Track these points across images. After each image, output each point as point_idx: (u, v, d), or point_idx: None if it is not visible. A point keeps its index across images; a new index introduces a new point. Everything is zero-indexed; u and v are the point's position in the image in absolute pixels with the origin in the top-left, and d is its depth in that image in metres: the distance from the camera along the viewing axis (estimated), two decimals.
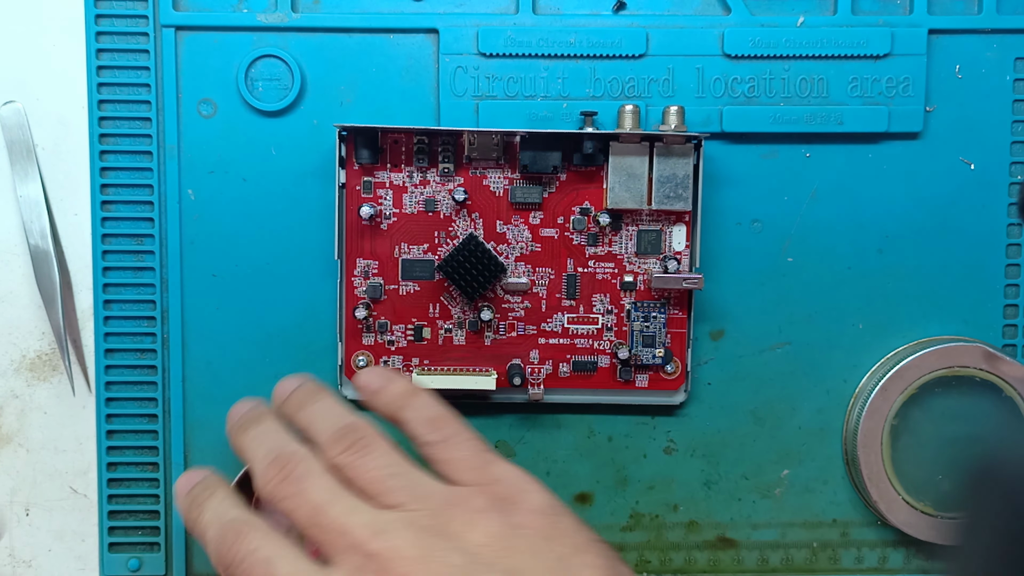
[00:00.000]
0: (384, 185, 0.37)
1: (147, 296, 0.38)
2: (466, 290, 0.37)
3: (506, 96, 0.37)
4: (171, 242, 0.38)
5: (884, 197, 0.38)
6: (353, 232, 0.37)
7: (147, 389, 0.38)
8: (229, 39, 0.37)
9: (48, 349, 0.39)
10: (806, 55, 0.37)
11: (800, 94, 0.38)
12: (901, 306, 0.39)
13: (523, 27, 0.37)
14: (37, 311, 0.38)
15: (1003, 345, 0.39)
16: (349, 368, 0.38)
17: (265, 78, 0.37)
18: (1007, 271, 0.39)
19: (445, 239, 0.37)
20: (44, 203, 0.38)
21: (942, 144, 0.38)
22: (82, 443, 0.39)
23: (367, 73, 0.37)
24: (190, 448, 0.39)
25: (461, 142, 0.37)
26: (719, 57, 0.37)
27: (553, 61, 0.37)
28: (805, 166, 0.38)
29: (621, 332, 0.38)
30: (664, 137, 0.36)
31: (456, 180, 0.37)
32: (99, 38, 0.37)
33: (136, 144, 0.37)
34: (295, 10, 0.37)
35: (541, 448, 0.39)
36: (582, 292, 0.38)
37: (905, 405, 0.38)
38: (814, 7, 0.38)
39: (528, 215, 0.37)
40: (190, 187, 0.38)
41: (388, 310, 0.37)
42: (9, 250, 0.38)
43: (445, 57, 0.37)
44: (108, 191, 0.38)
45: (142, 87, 0.37)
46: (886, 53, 0.37)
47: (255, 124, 0.37)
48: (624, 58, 0.37)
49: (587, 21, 0.37)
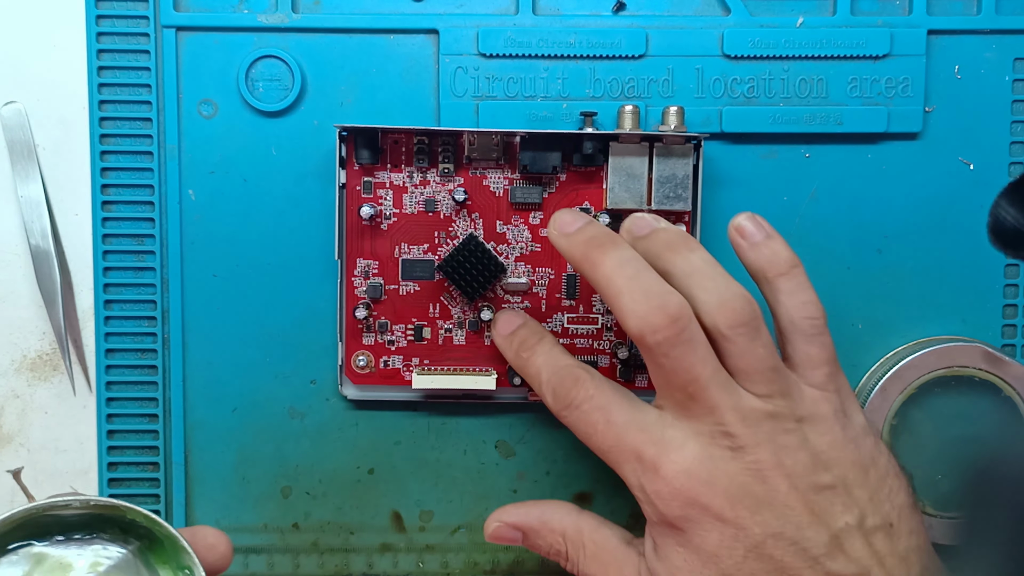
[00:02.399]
0: (384, 185, 0.37)
1: (147, 296, 0.38)
2: (466, 290, 0.37)
3: (506, 96, 0.37)
4: (171, 242, 0.38)
5: (884, 197, 0.38)
6: (353, 232, 0.37)
7: (147, 389, 0.38)
8: (229, 39, 0.37)
9: (48, 349, 0.39)
10: (806, 55, 0.37)
11: (800, 94, 0.38)
12: (901, 306, 0.39)
13: (523, 27, 0.37)
14: (37, 311, 0.38)
15: (1003, 345, 0.39)
16: (349, 368, 0.38)
17: (265, 78, 0.37)
18: (1007, 271, 0.39)
19: (445, 239, 0.37)
20: (45, 203, 0.38)
21: (941, 144, 0.38)
22: (82, 443, 0.39)
23: (367, 73, 0.38)
24: (190, 448, 0.39)
25: (461, 142, 0.37)
26: (719, 57, 0.37)
27: (553, 61, 0.37)
28: (805, 166, 0.38)
29: (621, 332, 0.38)
30: (664, 137, 0.36)
31: (456, 180, 0.37)
32: (100, 38, 0.37)
33: (137, 144, 0.38)
34: (295, 11, 0.37)
35: (541, 448, 0.39)
36: (582, 292, 0.38)
37: (904, 405, 0.38)
38: (814, 7, 0.38)
39: (528, 215, 0.37)
40: (191, 187, 0.38)
41: (388, 310, 0.38)
42: (10, 250, 0.38)
43: (445, 57, 0.37)
44: (109, 191, 0.38)
45: (143, 87, 0.37)
46: (885, 53, 0.37)
47: (255, 124, 0.38)
48: (624, 58, 0.37)
49: (587, 21, 0.38)
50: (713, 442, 0.30)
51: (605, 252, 0.31)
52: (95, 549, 0.30)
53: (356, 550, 0.39)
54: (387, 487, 0.39)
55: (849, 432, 0.31)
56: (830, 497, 0.30)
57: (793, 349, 0.32)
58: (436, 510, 0.39)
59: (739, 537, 0.30)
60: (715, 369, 0.30)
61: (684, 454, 0.30)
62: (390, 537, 0.39)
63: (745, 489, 0.30)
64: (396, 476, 0.39)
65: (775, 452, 0.30)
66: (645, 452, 0.30)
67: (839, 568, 0.29)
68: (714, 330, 0.30)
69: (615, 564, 0.33)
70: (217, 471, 0.39)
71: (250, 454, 0.39)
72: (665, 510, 0.30)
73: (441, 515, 0.39)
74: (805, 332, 0.32)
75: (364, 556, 0.39)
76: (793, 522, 0.30)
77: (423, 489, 0.39)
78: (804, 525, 0.30)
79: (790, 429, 0.30)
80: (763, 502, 0.30)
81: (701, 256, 0.31)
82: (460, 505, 0.39)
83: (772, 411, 0.30)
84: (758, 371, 0.30)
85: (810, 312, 0.32)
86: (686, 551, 0.30)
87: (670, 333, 0.29)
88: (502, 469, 0.39)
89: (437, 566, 0.39)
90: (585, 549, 0.33)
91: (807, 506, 0.30)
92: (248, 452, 0.39)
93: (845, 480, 0.30)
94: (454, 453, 0.39)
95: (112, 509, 0.29)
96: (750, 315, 0.30)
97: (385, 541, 0.39)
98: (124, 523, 0.30)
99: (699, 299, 0.30)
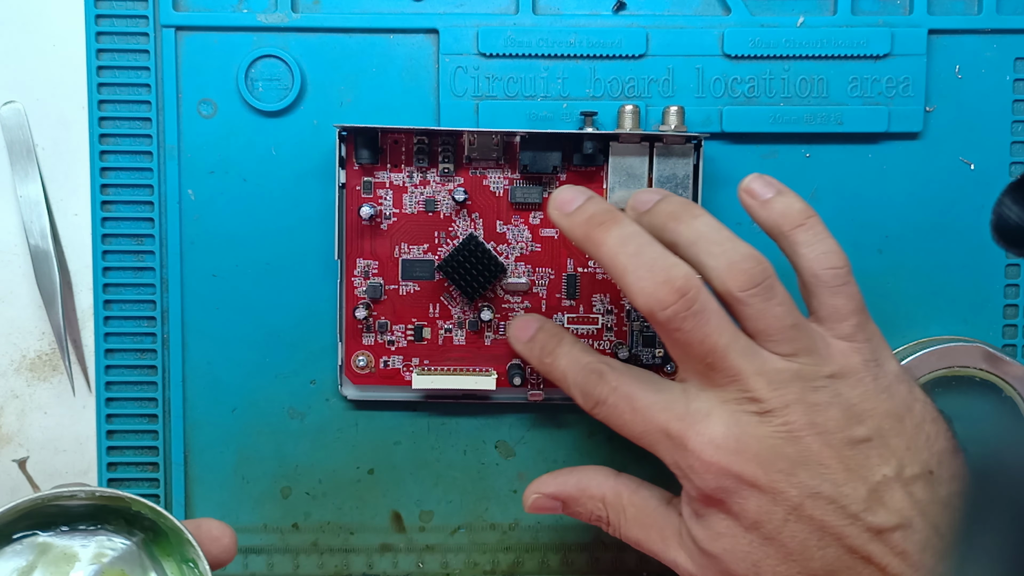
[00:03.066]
0: (384, 185, 0.37)
1: (147, 296, 0.38)
2: (466, 290, 0.37)
3: (506, 96, 0.37)
4: (171, 242, 0.38)
5: (884, 197, 0.38)
6: (353, 232, 0.37)
7: (147, 389, 0.38)
8: (229, 39, 0.37)
9: (48, 349, 0.39)
10: (806, 55, 0.37)
11: (800, 94, 0.38)
12: (901, 306, 0.39)
13: (523, 27, 0.37)
14: (37, 311, 0.38)
15: (1003, 345, 0.39)
16: (349, 368, 0.38)
17: (265, 78, 0.37)
18: (1007, 271, 0.39)
19: (445, 239, 0.37)
20: (44, 203, 0.38)
21: (942, 144, 0.38)
22: (82, 443, 0.39)
23: (367, 73, 0.37)
24: (190, 448, 0.39)
25: (461, 142, 0.37)
26: (719, 57, 0.37)
27: (553, 61, 0.37)
28: (805, 166, 0.38)
29: (621, 332, 0.38)
30: (664, 137, 0.36)
31: (456, 180, 0.37)
32: (99, 38, 0.37)
33: (136, 144, 0.37)
34: (295, 10, 0.37)
35: (541, 448, 0.39)
36: (582, 292, 0.38)
37: None
38: (814, 7, 0.38)
39: (528, 215, 0.37)
40: (190, 187, 0.38)
41: (388, 310, 0.37)
42: (9, 250, 0.38)
43: (445, 57, 0.37)
44: (108, 191, 0.38)
45: (142, 87, 0.37)
46: (886, 53, 0.37)
47: (255, 124, 0.38)
48: (624, 58, 0.37)
49: (587, 21, 0.37)
50: (740, 408, 0.30)
51: (607, 230, 0.30)
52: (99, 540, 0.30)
53: (356, 550, 0.39)
54: (387, 487, 0.39)
55: (881, 381, 0.30)
56: (865, 450, 0.29)
57: (819, 303, 0.31)
58: (436, 510, 0.39)
59: (777, 501, 0.29)
60: (732, 336, 0.30)
61: (710, 425, 0.30)
62: (390, 537, 0.39)
63: (777, 452, 0.29)
64: (396, 476, 0.39)
65: (805, 411, 0.29)
66: (672, 429, 0.30)
67: (880, 521, 0.29)
68: (727, 295, 0.30)
69: (656, 527, 0.32)
70: (217, 471, 0.39)
71: (250, 454, 0.39)
72: (701, 484, 0.30)
73: (441, 515, 0.39)
74: (829, 284, 0.31)
75: (364, 556, 0.39)
76: (829, 480, 0.29)
77: (423, 489, 0.39)
78: (841, 482, 0.29)
79: (819, 386, 0.30)
80: (797, 463, 0.29)
81: (705, 221, 0.31)
82: (460, 505, 0.39)
83: (798, 370, 0.30)
84: (778, 330, 0.30)
85: (832, 262, 0.31)
86: (728, 518, 0.30)
87: (679, 307, 0.29)
88: (502, 469, 0.39)
89: (437, 566, 0.39)
90: (626, 512, 0.33)
91: (842, 462, 0.29)
92: (248, 452, 0.39)
93: (880, 431, 0.30)
94: (454, 453, 0.39)
95: (117, 500, 0.29)
96: (762, 275, 0.30)
97: (385, 541, 0.39)
98: (129, 515, 0.30)
99: (708, 265, 0.30)
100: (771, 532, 0.29)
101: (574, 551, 0.40)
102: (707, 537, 0.31)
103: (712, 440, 0.30)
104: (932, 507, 0.30)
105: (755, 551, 0.30)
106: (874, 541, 0.29)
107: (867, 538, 0.29)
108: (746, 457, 0.29)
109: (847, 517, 0.29)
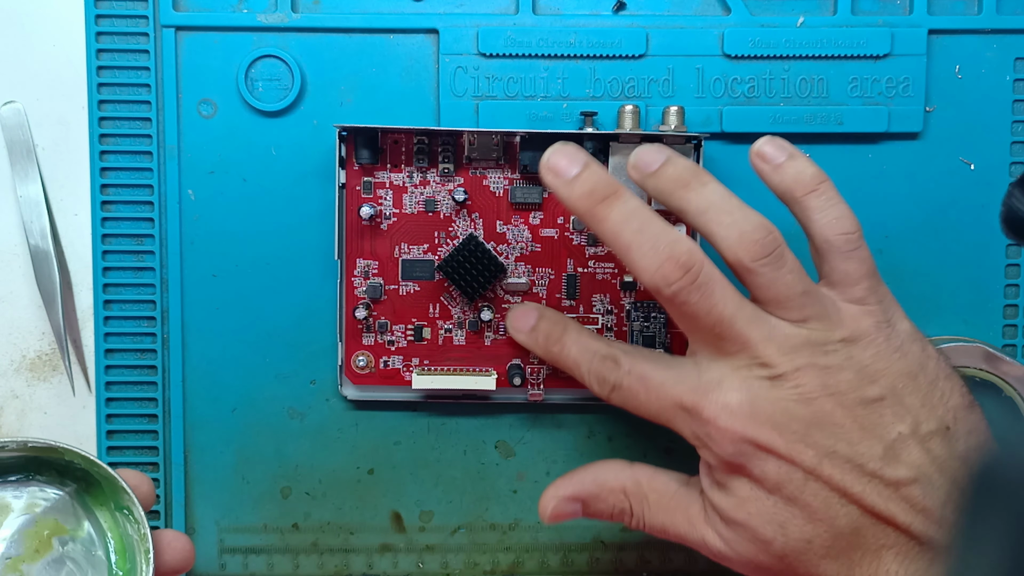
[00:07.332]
0: (384, 185, 0.37)
1: (147, 296, 0.38)
2: (466, 290, 0.37)
3: (506, 96, 0.37)
4: (171, 242, 0.38)
5: (884, 197, 0.38)
6: (353, 232, 0.37)
7: (147, 389, 0.38)
8: (229, 39, 0.37)
9: (48, 349, 0.39)
10: (806, 55, 0.37)
11: (800, 94, 0.38)
12: (901, 306, 0.39)
13: (523, 27, 0.37)
14: (37, 311, 0.38)
15: (1003, 345, 0.39)
16: (349, 368, 0.38)
17: (265, 78, 0.37)
18: (1007, 271, 0.39)
19: (445, 239, 0.37)
20: (44, 203, 0.38)
21: (942, 144, 0.38)
22: (82, 443, 0.39)
23: (367, 73, 0.37)
24: (190, 448, 0.39)
25: (461, 142, 0.37)
26: (719, 57, 0.37)
27: (553, 61, 0.37)
28: None
29: (621, 332, 0.38)
30: (664, 137, 0.36)
31: (456, 180, 0.37)
32: (99, 38, 0.37)
33: (136, 144, 0.37)
34: (295, 10, 0.37)
35: (541, 448, 0.39)
36: (582, 292, 0.38)
37: None
38: (814, 7, 0.38)
39: (528, 215, 0.37)
40: (190, 187, 0.38)
41: (388, 310, 0.37)
42: (9, 250, 0.38)
43: (445, 57, 0.37)
44: (108, 191, 0.38)
45: (142, 87, 0.37)
46: (886, 53, 0.37)
47: (255, 124, 0.38)
48: (624, 58, 0.37)
49: (587, 21, 0.37)
50: (751, 374, 0.30)
51: (609, 206, 0.30)
52: (31, 491, 0.31)
53: (356, 550, 0.39)
54: (387, 487, 0.39)
55: (894, 341, 0.31)
56: (879, 409, 0.30)
57: (831, 268, 0.31)
58: (436, 510, 0.39)
59: (795, 462, 0.30)
60: (738, 305, 0.30)
61: (723, 392, 0.30)
62: (390, 537, 0.39)
63: (791, 414, 0.30)
64: (396, 476, 0.39)
65: (817, 375, 0.30)
66: (686, 400, 0.30)
67: (898, 475, 0.29)
68: (738, 264, 0.30)
69: (680, 508, 0.32)
70: (217, 471, 0.39)
71: (250, 454, 0.39)
72: (720, 451, 0.30)
73: (441, 515, 0.39)
74: (841, 249, 0.31)
75: (364, 556, 0.39)
76: (845, 439, 0.29)
77: (423, 489, 0.39)
78: (856, 441, 0.29)
79: (831, 350, 0.30)
80: (811, 424, 0.29)
81: (714, 189, 0.31)
82: (460, 505, 0.39)
83: (808, 335, 0.30)
84: (789, 298, 0.30)
85: (844, 227, 0.31)
86: (750, 483, 0.30)
87: (684, 282, 0.29)
88: (502, 469, 0.39)
89: (437, 566, 0.39)
90: (648, 499, 0.33)
91: (856, 421, 0.30)
92: (248, 452, 0.39)
93: (894, 390, 0.30)
94: (454, 453, 0.39)
95: (49, 451, 0.30)
96: (772, 244, 0.30)
97: (385, 541, 0.39)
98: (61, 465, 0.30)
99: (718, 235, 0.30)
100: (793, 492, 0.30)
101: (574, 551, 0.40)
102: (731, 505, 0.31)
103: (726, 406, 0.30)
104: (950, 462, 0.30)
105: (780, 512, 0.30)
106: (894, 499, 0.29)
107: (887, 495, 0.29)
108: (760, 421, 0.30)
109: (865, 475, 0.29)
